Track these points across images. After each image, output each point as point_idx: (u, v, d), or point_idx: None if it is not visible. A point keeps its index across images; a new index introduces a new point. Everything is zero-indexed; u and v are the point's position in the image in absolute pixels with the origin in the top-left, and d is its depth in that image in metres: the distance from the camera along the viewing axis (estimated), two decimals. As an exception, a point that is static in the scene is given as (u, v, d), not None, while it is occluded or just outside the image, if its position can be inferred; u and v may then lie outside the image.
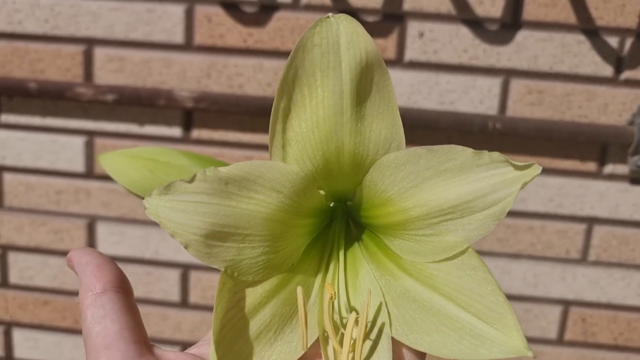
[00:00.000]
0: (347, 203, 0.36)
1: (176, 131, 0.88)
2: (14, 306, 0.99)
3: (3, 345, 1.01)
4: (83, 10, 0.84)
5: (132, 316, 0.31)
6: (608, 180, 0.86)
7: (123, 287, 0.32)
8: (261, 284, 0.32)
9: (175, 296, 0.95)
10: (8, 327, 1.00)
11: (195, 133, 0.88)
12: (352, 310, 0.34)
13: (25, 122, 0.90)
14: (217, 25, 0.83)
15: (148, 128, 0.88)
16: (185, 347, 0.57)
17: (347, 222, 0.37)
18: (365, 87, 0.31)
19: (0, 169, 0.92)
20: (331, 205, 0.36)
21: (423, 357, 0.33)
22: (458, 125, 0.82)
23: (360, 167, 0.33)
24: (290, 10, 0.82)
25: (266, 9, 0.83)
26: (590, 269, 0.89)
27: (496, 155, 0.29)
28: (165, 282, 0.95)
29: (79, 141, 0.89)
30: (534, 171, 0.29)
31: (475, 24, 0.81)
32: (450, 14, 0.81)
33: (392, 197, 0.32)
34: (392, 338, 0.32)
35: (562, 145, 0.85)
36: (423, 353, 0.33)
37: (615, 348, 0.93)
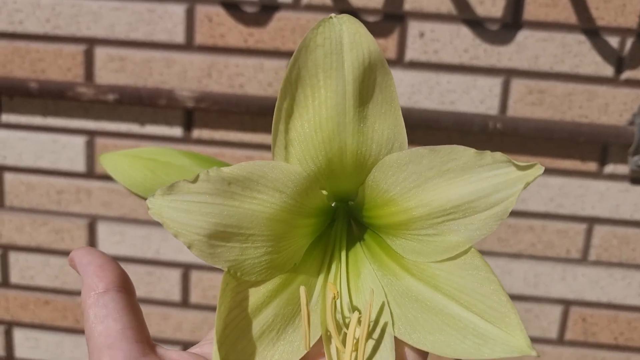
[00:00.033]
0: (349, 203, 0.36)
1: (177, 131, 0.88)
2: (15, 306, 0.99)
3: (4, 345, 1.01)
4: (84, 10, 0.84)
5: (135, 315, 0.31)
6: (608, 180, 0.86)
7: (125, 287, 0.32)
8: (264, 284, 0.32)
9: (176, 296, 0.95)
10: (9, 327, 1.00)
11: (196, 133, 0.88)
12: (355, 310, 0.34)
13: (26, 122, 0.90)
14: (218, 25, 0.83)
15: (149, 128, 0.88)
16: (186, 347, 0.57)
17: (349, 222, 0.37)
18: (368, 88, 0.31)
19: (1, 169, 0.92)
20: (333, 205, 0.36)
21: (425, 356, 0.33)
22: (459, 125, 0.82)
23: (362, 168, 0.33)
24: (291, 10, 0.82)
25: (267, 9, 0.83)
26: (590, 269, 0.90)
27: (498, 155, 0.29)
28: (166, 282, 0.95)
29: (80, 141, 0.89)
30: (537, 171, 0.29)
31: (475, 24, 0.81)
32: (450, 14, 0.81)
33: (395, 197, 0.32)
34: (395, 337, 0.33)
35: (563, 145, 0.85)
36: (425, 352, 0.33)
37: (615, 348, 0.93)
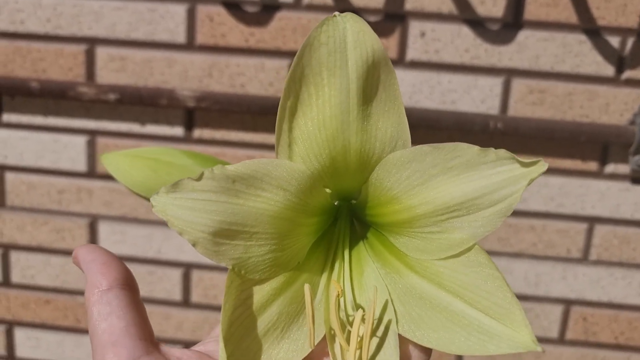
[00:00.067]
0: (352, 202, 0.36)
1: (178, 131, 0.88)
2: (16, 305, 0.99)
3: (5, 344, 1.01)
4: (85, 9, 0.84)
5: (138, 313, 0.31)
6: (609, 179, 0.86)
7: (129, 284, 0.32)
8: (268, 282, 0.32)
9: (177, 295, 0.95)
10: (10, 326, 1.00)
11: (197, 132, 0.88)
12: (358, 308, 0.34)
13: (27, 122, 0.90)
14: (219, 24, 0.83)
15: (150, 127, 0.88)
16: (187, 347, 0.57)
17: (351, 221, 0.37)
18: (371, 86, 0.31)
19: (2, 168, 0.92)
20: (335, 204, 0.36)
21: (429, 353, 0.33)
22: (459, 124, 0.82)
23: (366, 166, 0.33)
24: (292, 10, 0.82)
25: (268, 9, 0.83)
26: (591, 269, 0.90)
27: (502, 152, 0.30)
28: (167, 282, 0.95)
29: (81, 140, 0.89)
30: (540, 168, 0.29)
31: (476, 24, 0.82)
32: (451, 14, 0.81)
33: (398, 195, 0.32)
34: (399, 335, 0.33)
35: (564, 144, 0.85)
36: (429, 349, 0.33)
37: (616, 347, 0.93)
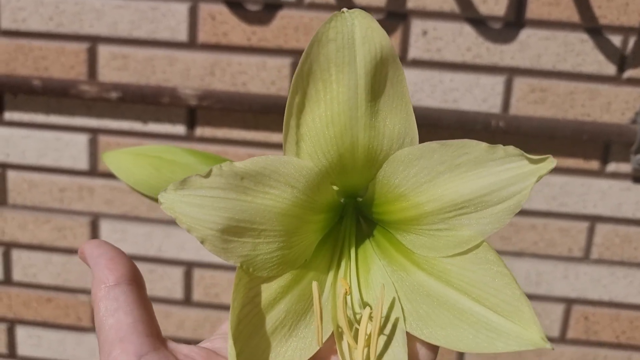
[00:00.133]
0: (358, 199, 0.36)
1: (180, 129, 0.88)
2: (18, 303, 0.98)
3: (6, 342, 1.01)
4: (87, 8, 0.84)
5: (145, 309, 0.31)
6: (611, 178, 0.86)
7: (136, 280, 0.32)
8: (276, 280, 0.32)
9: (178, 294, 0.95)
10: (11, 325, 1.00)
11: (198, 131, 0.88)
12: (366, 306, 0.34)
13: (29, 120, 0.90)
14: (221, 23, 0.83)
15: (152, 126, 0.88)
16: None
17: (357, 219, 0.37)
18: (379, 82, 0.31)
19: (4, 167, 0.92)
20: (342, 201, 0.36)
21: (436, 351, 0.33)
22: (461, 123, 0.82)
23: (373, 162, 0.33)
24: (294, 8, 0.82)
25: (270, 8, 0.83)
26: (592, 267, 0.90)
27: (511, 149, 0.29)
28: (168, 280, 0.95)
29: (83, 139, 0.89)
30: (549, 164, 0.29)
31: (478, 23, 0.82)
32: (453, 13, 0.81)
33: (406, 192, 0.32)
34: (406, 333, 0.33)
35: (565, 143, 0.85)
36: (436, 347, 0.33)
37: (617, 346, 0.93)
